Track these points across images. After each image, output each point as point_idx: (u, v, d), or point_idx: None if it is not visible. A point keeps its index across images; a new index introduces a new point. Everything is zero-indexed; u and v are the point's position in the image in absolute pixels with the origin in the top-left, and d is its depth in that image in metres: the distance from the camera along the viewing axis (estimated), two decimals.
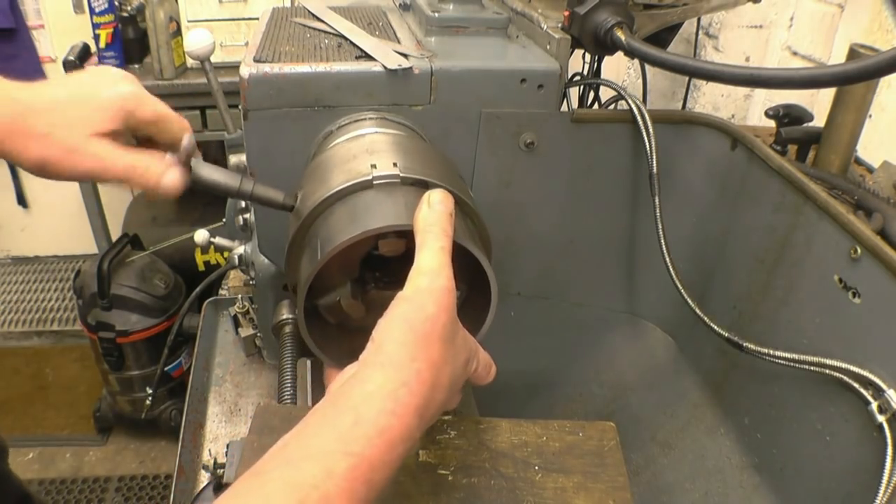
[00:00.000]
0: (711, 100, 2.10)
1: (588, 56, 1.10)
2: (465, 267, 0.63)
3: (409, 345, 0.48)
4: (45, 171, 0.61)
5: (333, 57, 0.81)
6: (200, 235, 1.04)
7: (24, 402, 2.61)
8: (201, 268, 2.49)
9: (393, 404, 0.46)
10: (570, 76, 0.90)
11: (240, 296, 1.06)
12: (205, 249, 2.45)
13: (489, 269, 0.60)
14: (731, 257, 0.91)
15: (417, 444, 0.48)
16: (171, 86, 2.35)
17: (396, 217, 0.59)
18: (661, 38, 1.08)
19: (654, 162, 0.85)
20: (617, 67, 2.34)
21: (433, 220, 0.55)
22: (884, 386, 0.64)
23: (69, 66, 2.34)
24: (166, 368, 2.19)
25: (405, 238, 0.61)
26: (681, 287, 0.85)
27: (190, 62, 2.42)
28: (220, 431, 0.99)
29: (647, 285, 1.03)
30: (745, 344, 0.77)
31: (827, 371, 0.69)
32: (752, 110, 2.01)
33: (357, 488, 0.42)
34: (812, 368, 0.71)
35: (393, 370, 0.47)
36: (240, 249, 0.95)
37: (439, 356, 0.50)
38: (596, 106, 1.21)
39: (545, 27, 0.87)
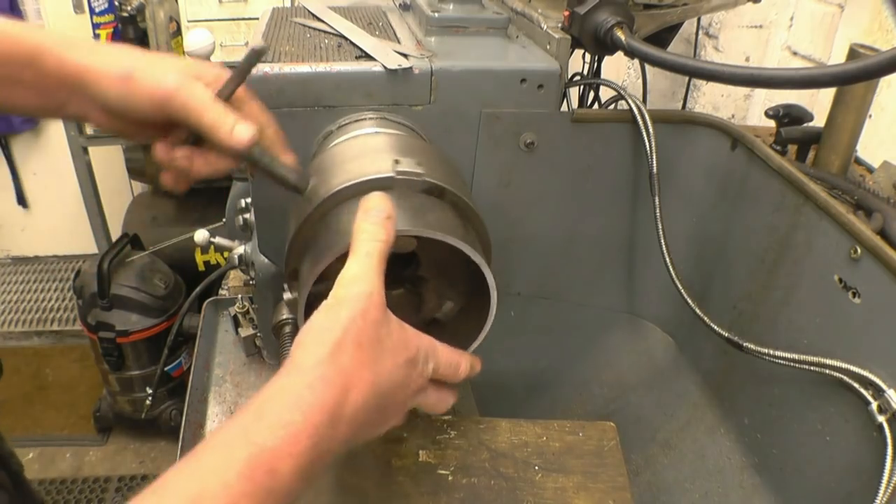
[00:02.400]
0: (711, 100, 2.10)
1: (588, 56, 1.10)
2: (466, 268, 0.63)
3: (317, 353, 0.50)
4: (130, 82, 0.59)
5: (333, 57, 0.81)
6: (200, 235, 1.04)
7: (24, 402, 2.61)
8: (201, 268, 2.49)
9: (296, 401, 0.47)
10: (570, 76, 0.90)
11: (240, 296, 1.06)
12: (205, 249, 2.46)
13: (488, 274, 0.61)
14: (731, 257, 0.91)
15: (337, 446, 0.50)
16: None
17: (404, 222, 0.59)
18: (661, 38, 1.08)
19: (654, 162, 0.85)
20: (617, 67, 2.34)
21: (363, 226, 0.56)
22: (884, 386, 0.64)
23: None
24: (166, 368, 2.19)
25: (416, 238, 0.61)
26: (681, 287, 0.85)
27: None
28: None
29: (647, 285, 1.03)
30: (745, 344, 0.77)
31: (827, 371, 0.69)
32: (752, 110, 2.01)
33: (258, 476, 0.44)
34: (812, 368, 0.71)
35: (297, 374, 0.49)
36: (240, 249, 0.95)
37: (353, 360, 0.51)
38: (596, 106, 1.21)
39: (545, 27, 0.87)
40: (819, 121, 0.93)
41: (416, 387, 0.58)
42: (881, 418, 0.64)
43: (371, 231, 0.55)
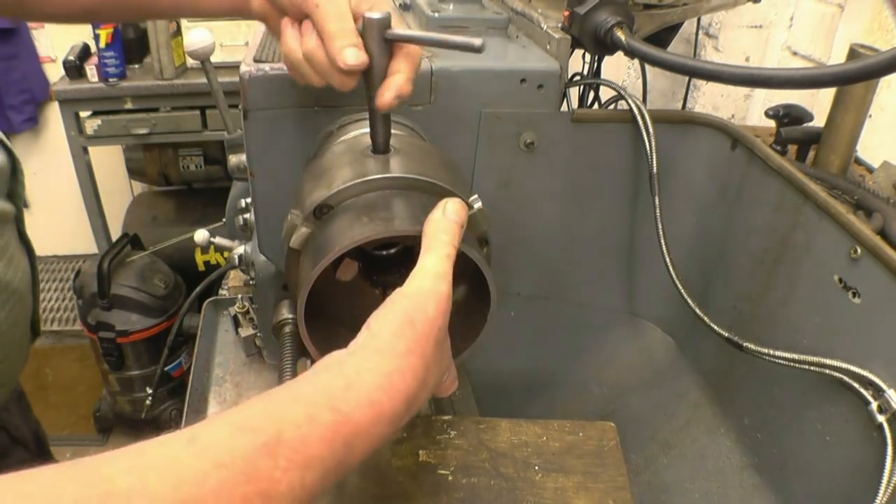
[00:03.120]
0: (711, 100, 2.10)
1: (588, 56, 1.10)
2: (465, 268, 0.63)
3: (407, 338, 0.49)
4: None
5: None
6: (200, 235, 1.04)
7: None
8: (201, 268, 2.50)
9: (386, 383, 0.47)
10: (570, 76, 0.90)
11: (240, 296, 1.06)
12: (205, 249, 2.46)
13: (489, 274, 0.60)
14: (731, 257, 0.91)
15: (397, 435, 0.49)
16: (171, 86, 2.36)
17: (405, 224, 0.59)
18: (661, 38, 1.08)
19: (654, 162, 0.85)
20: (617, 67, 2.34)
21: (444, 228, 0.56)
22: (884, 386, 0.64)
23: (69, 66, 2.34)
24: (166, 368, 2.20)
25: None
26: (681, 287, 0.85)
27: (190, 62, 2.42)
28: None
29: (647, 285, 1.03)
30: (745, 344, 0.77)
31: (827, 371, 0.69)
32: (752, 110, 2.01)
33: (336, 444, 0.43)
34: (812, 368, 0.71)
35: (390, 356, 0.48)
36: (240, 249, 0.95)
37: (431, 356, 0.51)
38: (596, 106, 1.21)
39: (545, 27, 0.87)
40: (819, 121, 0.94)
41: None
42: (881, 418, 0.64)
43: (451, 234, 0.56)
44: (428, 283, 0.52)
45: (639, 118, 0.87)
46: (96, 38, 2.22)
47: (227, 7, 0.78)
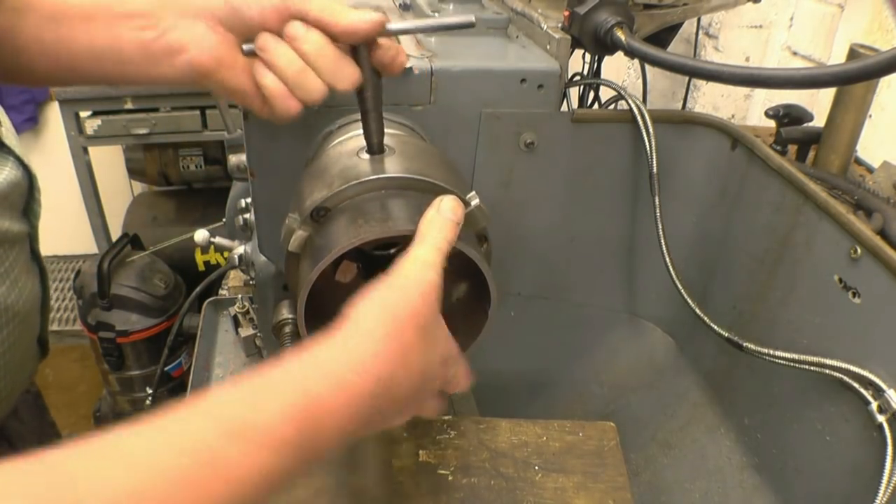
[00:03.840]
0: (711, 100, 2.10)
1: (588, 56, 1.10)
2: (466, 267, 0.63)
3: (385, 324, 0.49)
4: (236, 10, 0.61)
5: None
6: (200, 235, 1.04)
7: None
8: (201, 268, 2.50)
9: (359, 365, 0.47)
10: (570, 76, 0.90)
11: (240, 296, 1.06)
12: (205, 249, 2.46)
13: (489, 274, 0.61)
14: (731, 257, 0.91)
15: (370, 424, 0.49)
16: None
17: (401, 224, 0.59)
18: (661, 38, 1.08)
19: (654, 162, 0.85)
20: (617, 67, 2.34)
21: (438, 225, 0.56)
22: (884, 386, 0.64)
23: None
24: (166, 368, 2.19)
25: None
26: (681, 287, 0.85)
27: None
28: None
29: (647, 285, 1.03)
30: (745, 344, 0.77)
31: (827, 371, 0.69)
32: (752, 110, 2.01)
33: (305, 426, 0.43)
34: (812, 368, 0.71)
35: (365, 340, 0.48)
36: (240, 249, 0.95)
37: (412, 339, 0.50)
38: (596, 106, 1.21)
39: (545, 27, 0.87)
40: (819, 121, 0.94)
41: (437, 387, 0.58)
42: (881, 418, 0.64)
43: (445, 228, 0.56)
44: (414, 271, 0.52)
45: (639, 118, 0.87)
46: None
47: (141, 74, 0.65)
